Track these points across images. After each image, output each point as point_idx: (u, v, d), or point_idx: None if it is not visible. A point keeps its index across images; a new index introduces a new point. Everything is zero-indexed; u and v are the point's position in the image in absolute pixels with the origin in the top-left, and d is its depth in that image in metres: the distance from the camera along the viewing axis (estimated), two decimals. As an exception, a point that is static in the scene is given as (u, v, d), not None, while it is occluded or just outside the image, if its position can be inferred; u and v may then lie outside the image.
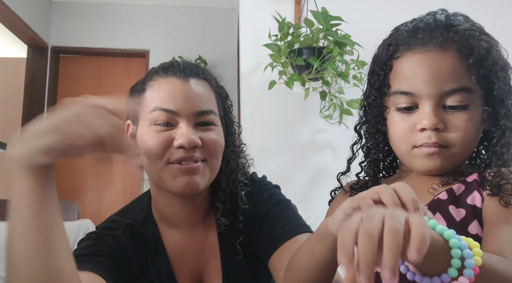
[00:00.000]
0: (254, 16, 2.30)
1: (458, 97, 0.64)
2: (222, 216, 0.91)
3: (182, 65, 0.88)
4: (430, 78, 0.65)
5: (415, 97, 0.67)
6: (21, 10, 3.40)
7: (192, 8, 4.12)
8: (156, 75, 0.88)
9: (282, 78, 2.02)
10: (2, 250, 1.39)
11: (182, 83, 0.85)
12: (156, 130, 0.83)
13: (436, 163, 0.66)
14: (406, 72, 0.68)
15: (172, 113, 0.83)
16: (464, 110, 0.65)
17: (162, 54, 3.92)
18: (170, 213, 0.91)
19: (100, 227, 0.91)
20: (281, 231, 0.85)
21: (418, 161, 0.68)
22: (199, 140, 0.82)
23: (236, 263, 0.90)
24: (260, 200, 0.92)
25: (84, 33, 4.01)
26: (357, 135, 0.79)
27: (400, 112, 0.69)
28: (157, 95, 0.85)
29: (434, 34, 0.67)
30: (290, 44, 1.97)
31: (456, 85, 0.64)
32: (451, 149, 0.66)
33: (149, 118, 0.84)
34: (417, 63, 0.67)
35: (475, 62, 0.65)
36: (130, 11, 4.08)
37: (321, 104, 2.06)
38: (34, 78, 3.85)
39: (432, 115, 0.65)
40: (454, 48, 0.66)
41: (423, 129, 0.66)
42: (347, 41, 1.89)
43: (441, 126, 0.65)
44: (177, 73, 0.86)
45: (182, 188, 0.82)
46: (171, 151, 0.82)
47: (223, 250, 0.91)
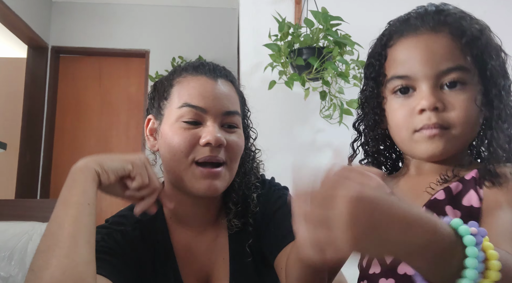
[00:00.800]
0: (254, 16, 2.30)
1: (454, 76, 0.64)
2: (235, 217, 0.91)
3: (211, 65, 0.91)
4: (425, 59, 0.65)
5: (412, 80, 0.67)
6: (21, 10, 3.40)
7: (192, 8, 4.12)
8: (185, 72, 0.89)
9: (282, 78, 2.02)
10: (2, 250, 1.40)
11: (212, 82, 0.86)
12: (182, 128, 0.83)
13: (439, 146, 0.65)
14: (401, 57, 0.69)
15: (200, 111, 0.83)
16: (462, 89, 0.64)
17: (162, 54, 3.93)
18: (182, 211, 0.91)
19: (110, 221, 0.91)
20: (288, 230, 0.85)
21: (419, 146, 0.67)
22: (224, 140, 0.83)
23: (244, 265, 0.90)
24: (269, 200, 0.93)
25: (84, 33, 4.01)
26: (356, 132, 0.79)
27: (398, 97, 0.69)
28: (186, 92, 0.85)
29: (425, 19, 0.68)
30: (290, 44, 1.97)
31: (451, 64, 0.64)
32: (452, 130, 0.64)
33: (176, 114, 0.84)
34: (410, 46, 0.67)
35: (468, 42, 0.65)
36: (130, 11, 4.08)
37: (321, 104, 2.06)
38: (34, 78, 3.84)
39: (430, 95, 0.65)
40: (446, 30, 0.66)
41: (422, 111, 0.65)
42: (347, 41, 1.89)
43: (440, 106, 0.64)
44: (207, 72, 0.88)
45: (203, 191, 0.83)
46: (196, 149, 0.83)
47: (232, 251, 0.91)
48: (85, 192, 0.72)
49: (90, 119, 3.99)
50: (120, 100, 4.01)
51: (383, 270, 0.65)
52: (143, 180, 0.79)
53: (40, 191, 3.73)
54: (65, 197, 0.72)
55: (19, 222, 1.43)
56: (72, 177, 0.74)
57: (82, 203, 0.71)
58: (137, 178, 0.78)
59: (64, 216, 0.70)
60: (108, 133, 3.97)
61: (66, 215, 0.70)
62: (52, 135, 3.90)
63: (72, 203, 0.71)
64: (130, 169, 0.78)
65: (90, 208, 0.72)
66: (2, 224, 1.41)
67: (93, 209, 0.73)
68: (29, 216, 1.48)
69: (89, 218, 0.71)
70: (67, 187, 0.73)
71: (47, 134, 3.83)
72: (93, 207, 0.73)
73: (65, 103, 3.99)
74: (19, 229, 1.39)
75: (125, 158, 0.79)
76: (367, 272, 0.69)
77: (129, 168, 0.78)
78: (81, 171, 0.74)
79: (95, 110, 4.00)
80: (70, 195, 0.72)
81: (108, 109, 4.01)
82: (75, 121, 3.97)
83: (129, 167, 0.78)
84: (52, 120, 3.91)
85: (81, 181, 0.73)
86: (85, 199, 0.72)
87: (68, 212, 0.70)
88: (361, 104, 0.78)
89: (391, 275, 0.63)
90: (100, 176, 0.75)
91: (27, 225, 1.41)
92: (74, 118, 3.97)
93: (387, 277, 0.64)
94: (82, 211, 0.71)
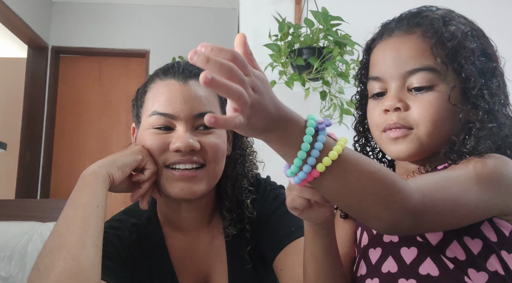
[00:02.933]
0: (254, 16, 2.30)
1: (420, 77, 0.65)
2: (230, 224, 0.89)
3: (182, 66, 0.87)
4: (392, 61, 0.68)
5: (383, 82, 0.69)
6: (21, 10, 3.40)
7: (192, 8, 4.12)
8: (157, 77, 0.88)
9: (282, 78, 2.02)
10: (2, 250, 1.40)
11: (180, 85, 0.84)
12: (153, 133, 0.83)
13: (402, 148, 0.66)
14: (375, 59, 0.71)
15: (169, 117, 0.82)
16: (428, 91, 0.65)
17: (162, 54, 3.93)
18: (173, 216, 0.90)
19: (106, 226, 0.90)
20: (286, 231, 0.85)
21: (387, 147, 0.69)
22: (197, 144, 0.81)
23: (243, 272, 0.89)
24: (266, 201, 0.92)
25: (84, 33, 4.01)
26: (356, 133, 0.80)
27: (374, 99, 0.71)
28: (155, 98, 0.84)
29: (401, 22, 0.70)
30: (290, 44, 1.97)
31: (417, 65, 0.65)
32: (415, 130, 0.65)
33: (147, 122, 0.84)
34: (384, 49, 0.70)
35: (439, 43, 0.65)
36: (130, 11, 4.08)
37: (321, 104, 2.06)
38: (34, 78, 3.85)
39: (392, 96, 0.67)
40: (418, 32, 0.67)
41: (386, 111, 0.67)
42: (347, 41, 1.89)
43: (402, 106, 0.66)
44: (176, 75, 0.85)
45: (177, 194, 0.82)
46: (168, 154, 0.82)
47: (230, 256, 0.90)
48: (95, 194, 0.73)
49: (90, 119, 3.99)
50: (120, 100, 4.01)
51: (369, 271, 0.67)
52: (153, 166, 0.82)
53: (40, 191, 3.73)
54: (74, 198, 0.73)
55: (19, 222, 1.43)
56: (82, 180, 0.75)
57: (91, 205, 0.72)
58: (148, 165, 0.81)
59: (73, 217, 0.70)
60: (108, 133, 3.97)
61: (75, 216, 0.70)
62: (52, 135, 3.91)
63: (81, 205, 0.71)
64: (141, 159, 0.80)
65: (99, 210, 0.72)
66: (2, 224, 1.41)
67: (102, 212, 0.73)
68: (29, 216, 1.48)
69: (98, 220, 0.72)
70: (77, 190, 0.74)
71: (47, 134, 3.83)
72: (103, 210, 0.73)
73: (65, 103, 3.99)
74: (19, 229, 1.39)
75: (132, 151, 0.81)
76: (356, 275, 0.70)
77: (140, 157, 0.80)
78: (92, 174, 0.75)
79: (95, 110, 4.00)
80: (79, 197, 0.73)
81: (108, 109, 4.01)
82: (75, 121, 3.97)
83: (139, 157, 0.80)
84: (52, 120, 3.91)
85: (92, 183, 0.74)
86: (95, 201, 0.72)
87: (77, 213, 0.71)
88: (356, 105, 0.80)
89: (376, 275, 0.65)
90: (114, 175, 0.76)
91: (27, 225, 1.41)
92: (74, 118, 3.98)
93: (372, 277, 0.65)
94: (91, 212, 0.71)
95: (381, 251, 0.66)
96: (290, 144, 0.49)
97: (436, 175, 0.59)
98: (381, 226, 0.53)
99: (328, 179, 0.49)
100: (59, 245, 0.67)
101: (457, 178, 0.57)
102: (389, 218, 0.51)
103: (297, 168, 0.49)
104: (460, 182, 0.57)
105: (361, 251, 0.70)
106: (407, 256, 0.62)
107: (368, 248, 0.68)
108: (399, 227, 0.52)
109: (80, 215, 0.70)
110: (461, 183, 0.57)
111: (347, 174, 0.50)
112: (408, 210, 0.51)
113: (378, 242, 0.67)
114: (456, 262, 0.59)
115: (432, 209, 0.53)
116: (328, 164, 0.48)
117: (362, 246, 0.70)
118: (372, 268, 0.66)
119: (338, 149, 0.49)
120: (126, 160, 0.78)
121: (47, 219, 1.42)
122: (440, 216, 0.54)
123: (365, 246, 0.69)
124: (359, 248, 0.72)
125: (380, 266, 0.65)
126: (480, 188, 0.57)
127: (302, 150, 0.48)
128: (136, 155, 0.80)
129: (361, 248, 0.71)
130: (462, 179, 0.57)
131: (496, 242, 0.59)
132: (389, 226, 0.52)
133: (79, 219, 0.70)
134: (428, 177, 0.58)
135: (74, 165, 3.80)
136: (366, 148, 0.79)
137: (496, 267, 0.58)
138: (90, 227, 0.70)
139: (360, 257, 0.70)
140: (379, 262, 0.65)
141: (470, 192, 0.56)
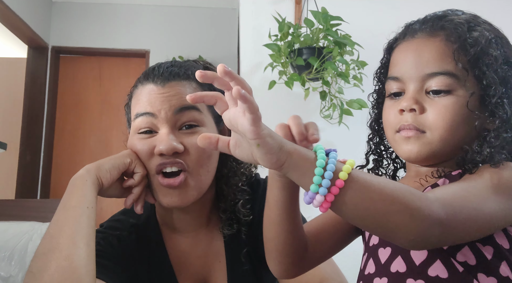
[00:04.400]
0: (254, 16, 2.30)
1: (439, 80, 0.65)
2: (226, 225, 0.89)
3: (162, 68, 0.86)
4: (413, 62, 0.67)
5: (402, 82, 0.69)
6: (21, 10, 3.40)
7: (192, 8, 4.12)
8: (138, 82, 0.88)
9: (282, 78, 2.02)
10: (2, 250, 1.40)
11: (158, 88, 0.83)
12: (139, 139, 0.83)
13: (413, 148, 0.66)
14: (397, 59, 0.71)
15: (150, 116, 0.81)
16: (446, 94, 0.65)
17: (162, 54, 3.90)
18: (171, 218, 0.90)
19: (104, 226, 0.90)
20: None
21: (399, 147, 0.69)
22: (181, 146, 0.80)
23: (242, 273, 0.89)
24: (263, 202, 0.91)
25: (84, 33, 4.01)
26: (371, 130, 0.80)
27: (391, 98, 0.71)
28: (137, 102, 0.85)
29: (425, 24, 0.70)
30: (290, 44, 1.97)
31: (437, 68, 0.65)
32: (429, 134, 0.65)
33: (134, 126, 0.84)
34: (406, 49, 0.70)
35: (461, 48, 0.65)
36: (130, 11, 4.08)
37: (321, 104, 2.06)
38: (34, 78, 3.85)
39: (410, 97, 0.66)
40: (442, 35, 0.67)
41: (402, 112, 0.67)
42: (347, 41, 1.89)
43: (417, 108, 0.65)
44: (155, 78, 0.84)
45: (169, 203, 0.82)
46: (154, 159, 0.81)
47: (229, 257, 0.90)
48: (84, 195, 0.74)
49: (90, 119, 3.99)
50: (120, 100, 3.96)
51: (377, 270, 0.67)
52: (143, 170, 0.82)
53: (40, 191, 3.73)
54: (65, 202, 0.74)
55: (19, 222, 1.43)
56: (72, 184, 0.76)
57: (81, 206, 0.73)
58: (137, 168, 0.81)
59: (63, 219, 0.71)
60: (108, 133, 3.97)
61: (66, 218, 0.71)
62: (52, 135, 3.90)
63: (71, 207, 0.73)
64: (129, 162, 0.81)
65: (89, 211, 0.73)
66: (2, 224, 1.41)
67: (93, 212, 0.74)
68: (29, 216, 1.48)
69: (89, 220, 0.72)
70: (67, 193, 0.75)
71: (47, 134, 3.83)
72: (93, 211, 0.74)
73: (65, 103, 3.99)
74: (19, 229, 1.39)
75: (120, 154, 0.82)
76: (364, 273, 0.70)
77: (128, 161, 0.81)
78: (81, 177, 0.76)
79: (95, 110, 4.00)
80: (69, 200, 0.74)
81: (108, 109, 4.00)
82: (75, 121, 3.97)
83: (127, 160, 0.81)
84: (52, 120, 3.91)
85: (81, 186, 0.75)
86: (84, 202, 0.73)
87: (68, 215, 0.72)
88: (372, 104, 0.80)
89: (385, 274, 0.65)
90: (102, 178, 0.77)
91: (27, 225, 1.41)
92: (74, 118, 3.97)
93: (381, 276, 0.65)
94: (81, 214, 0.72)
95: (390, 250, 0.66)
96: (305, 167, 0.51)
97: (454, 186, 0.59)
98: (409, 240, 0.52)
99: (349, 193, 0.50)
100: (51, 247, 0.68)
101: (474, 187, 0.57)
102: (416, 230, 0.50)
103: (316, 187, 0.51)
104: (479, 192, 0.57)
105: (370, 249, 0.70)
106: (416, 257, 0.62)
107: (378, 247, 0.68)
108: (428, 238, 0.52)
109: (70, 217, 0.71)
110: (480, 193, 0.57)
111: (368, 185, 0.51)
112: (433, 219, 0.50)
113: (388, 241, 0.66)
114: (466, 266, 0.59)
115: (455, 218, 0.53)
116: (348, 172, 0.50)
117: (372, 245, 0.70)
118: (381, 267, 0.66)
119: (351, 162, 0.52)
120: (114, 163, 0.79)
121: (47, 219, 1.42)
122: (464, 225, 0.54)
123: (374, 245, 0.69)
124: (367, 246, 0.72)
125: (389, 266, 0.64)
126: (498, 198, 0.57)
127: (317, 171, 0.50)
128: (125, 158, 0.81)
129: (370, 246, 0.70)
130: (480, 188, 0.57)
131: (509, 249, 0.59)
132: (417, 238, 0.51)
133: (70, 220, 0.71)
134: (445, 188, 0.58)
135: (74, 165, 3.80)
136: (380, 146, 0.79)
137: (508, 273, 0.58)
138: (81, 227, 0.71)
139: (369, 256, 0.70)
140: (388, 261, 0.65)
141: (489, 201, 0.56)
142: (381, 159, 0.78)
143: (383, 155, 0.78)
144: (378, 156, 0.78)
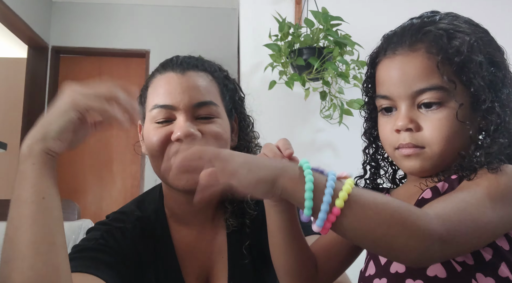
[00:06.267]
0: (254, 16, 2.30)
1: (429, 95, 0.64)
2: (231, 217, 0.90)
3: (180, 59, 0.89)
4: (399, 81, 0.67)
5: (392, 100, 0.68)
6: (21, 10, 3.40)
7: (192, 8, 4.12)
8: (156, 72, 0.89)
9: (282, 78, 2.02)
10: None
11: (178, 76, 0.85)
12: (156, 127, 0.84)
13: (416, 164, 0.66)
14: (381, 77, 0.70)
15: (169, 108, 0.83)
16: (438, 108, 0.65)
17: (162, 54, 3.89)
18: (179, 210, 0.90)
19: (110, 217, 0.90)
20: None
21: (400, 162, 0.69)
22: (198, 132, 0.81)
23: (242, 266, 0.89)
24: None
25: (84, 33, 4.01)
26: (367, 141, 0.80)
27: (383, 115, 0.71)
28: (155, 92, 0.86)
29: (403, 38, 0.68)
30: (291, 44, 1.97)
31: (425, 84, 0.65)
32: (428, 149, 0.65)
33: (150, 116, 0.85)
34: (388, 67, 0.69)
35: (445, 59, 0.64)
36: (130, 11, 4.08)
37: (321, 104, 2.06)
38: (34, 78, 3.85)
39: (403, 116, 0.66)
40: (422, 48, 0.66)
41: (398, 131, 0.67)
42: (348, 41, 1.89)
43: (413, 127, 0.65)
44: (174, 67, 0.86)
45: (183, 185, 0.82)
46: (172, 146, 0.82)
47: (230, 251, 0.90)
48: (35, 185, 0.62)
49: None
50: (120, 100, 4.00)
51: (377, 271, 0.67)
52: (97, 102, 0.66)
53: (40, 191, 3.72)
54: (16, 195, 0.63)
55: (19, 222, 1.43)
56: (20, 168, 0.64)
57: (34, 201, 0.62)
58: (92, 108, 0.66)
59: (18, 218, 0.62)
60: (108, 133, 3.97)
61: (20, 218, 0.61)
62: (52, 135, 3.90)
63: (23, 202, 0.62)
64: (78, 116, 0.66)
65: (46, 202, 0.62)
66: (2, 224, 1.41)
67: (51, 201, 0.63)
68: (29, 216, 1.47)
69: (47, 214, 0.62)
70: (17, 181, 0.64)
71: (47, 134, 3.82)
72: (51, 199, 0.63)
73: (65, 103, 3.99)
74: (19, 229, 1.39)
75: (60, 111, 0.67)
76: (364, 275, 0.70)
77: (74, 115, 0.66)
78: (27, 158, 0.64)
79: (95, 110, 4.00)
80: (20, 193, 0.63)
81: (108, 109, 4.00)
82: (75, 121, 3.97)
83: (73, 115, 0.65)
84: (52, 120, 3.90)
85: (29, 173, 0.63)
86: (37, 194, 0.62)
87: (22, 213, 0.61)
88: (365, 118, 0.79)
89: (384, 275, 0.65)
90: (52, 148, 0.64)
91: (27, 225, 1.41)
92: (74, 118, 3.97)
93: (380, 277, 0.66)
94: (37, 209, 0.61)
95: None
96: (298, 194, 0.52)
97: (452, 198, 0.58)
98: (412, 258, 0.52)
99: (346, 220, 0.50)
100: (13, 255, 0.59)
101: (473, 197, 0.57)
102: (417, 248, 0.50)
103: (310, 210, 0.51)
104: (477, 202, 0.57)
105: (365, 278, 0.70)
106: None
107: (373, 277, 0.68)
108: (430, 255, 0.52)
109: (25, 215, 0.61)
110: (479, 203, 0.57)
111: (365, 210, 0.51)
112: (434, 238, 0.50)
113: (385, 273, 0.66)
114: (464, 266, 0.59)
115: (456, 233, 0.53)
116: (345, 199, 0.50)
117: (367, 275, 0.70)
118: (381, 268, 0.66)
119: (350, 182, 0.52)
120: (61, 125, 0.65)
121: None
122: (465, 238, 0.54)
123: (370, 275, 0.69)
124: (361, 274, 0.72)
125: (388, 267, 0.65)
126: (497, 206, 0.57)
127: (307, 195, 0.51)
128: (69, 114, 0.65)
129: None
130: (478, 197, 0.57)
131: (508, 250, 0.59)
132: (419, 256, 0.51)
133: (25, 220, 0.61)
134: (444, 201, 0.58)
135: (74, 165, 3.80)
136: (376, 155, 0.79)
137: (507, 274, 0.58)
138: (39, 226, 0.61)
139: (370, 258, 0.70)
140: (388, 262, 0.65)
141: (488, 211, 0.56)
142: (378, 168, 0.79)
143: (380, 164, 0.79)
144: (375, 164, 0.78)
